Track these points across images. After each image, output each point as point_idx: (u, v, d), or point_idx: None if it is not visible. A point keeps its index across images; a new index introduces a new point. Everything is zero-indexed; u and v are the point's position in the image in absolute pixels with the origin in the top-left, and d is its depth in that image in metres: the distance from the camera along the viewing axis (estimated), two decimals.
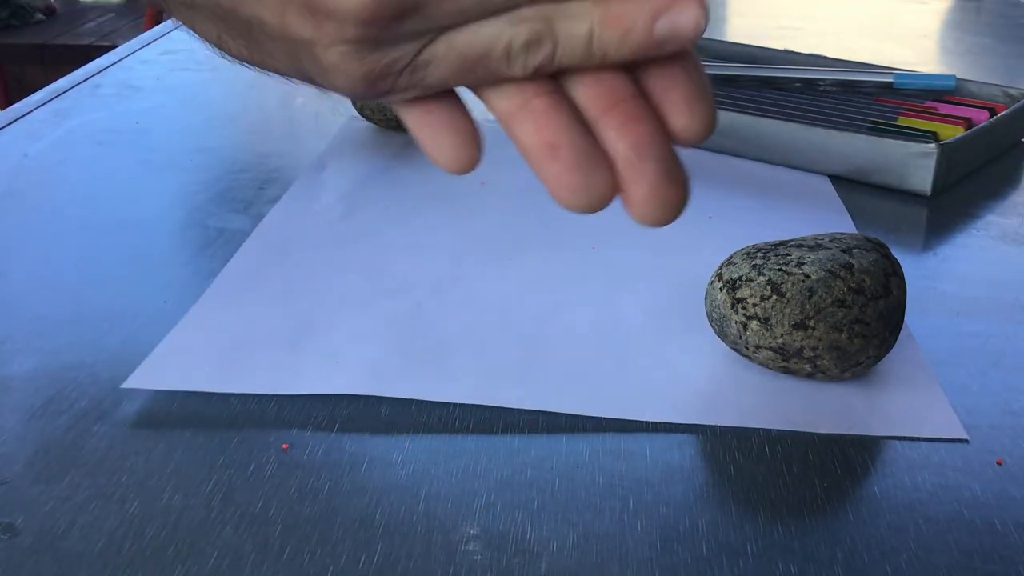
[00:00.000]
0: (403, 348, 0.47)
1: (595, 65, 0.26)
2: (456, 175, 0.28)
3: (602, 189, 0.26)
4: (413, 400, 0.44)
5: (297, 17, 0.25)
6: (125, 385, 0.44)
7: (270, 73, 0.29)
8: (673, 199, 0.26)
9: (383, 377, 0.45)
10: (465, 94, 0.28)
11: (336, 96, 0.28)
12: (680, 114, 0.26)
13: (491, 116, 0.28)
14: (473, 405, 0.44)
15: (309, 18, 0.25)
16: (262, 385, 0.44)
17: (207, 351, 0.47)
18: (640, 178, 0.26)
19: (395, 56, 0.26)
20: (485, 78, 0.26)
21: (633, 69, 0.26)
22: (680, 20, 0.25)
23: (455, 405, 0.44)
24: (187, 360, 0.46)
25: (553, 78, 0.26)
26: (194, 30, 0.29)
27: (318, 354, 0.47)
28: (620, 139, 0.26)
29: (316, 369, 0.45)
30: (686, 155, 0.27)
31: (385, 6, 0.24)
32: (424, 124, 0.28)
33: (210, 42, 0.29)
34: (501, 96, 0.27)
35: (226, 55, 0.29)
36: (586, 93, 0.26)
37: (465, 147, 0.28)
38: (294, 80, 0.29)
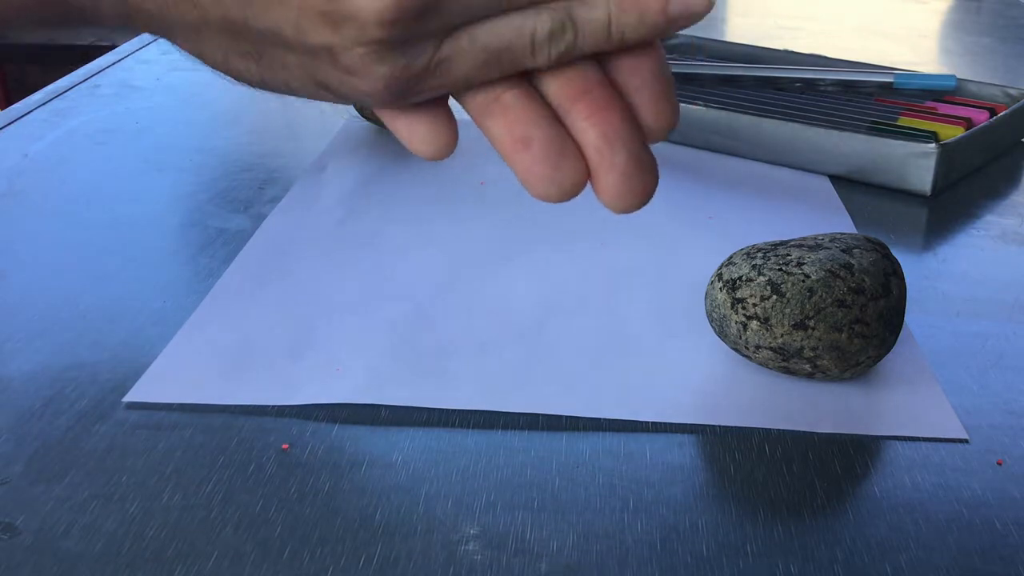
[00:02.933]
0: (403, 354, 0.47)
1: (615, 47, 0.26)
2: (433, 160, 0.29)
3: (573, 179, 0.27)
4: None
5: (315, 23, 0.25)
6: (127, 399, 0.44)
7: (283, 92, 0.29)
8: (643, 186, 0.27)
9: (383, 385, 0.45)
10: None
11: (354, 103, 0.28)
12: (648, 110, 0.27)
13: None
14: None
15: (328, 23, 0.25)
16: (263, 396, 0.44)
17: (207, 362, 0.47)
18: (610, 167, 0.26)
19: (417, 54, 0.26)
20: (509, 70, 0.27)
21: (601, 60, 0.27)
22: (690, 2, 0.26)
23: None
24: (187, 372, 0.46)
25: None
26: (200, 56, 0.29)
27: (318, 363, 0.47)
28: (590, 128, 0.26)
29: (316, 378, 0.45)
30: (685, 154, 0.27)
31: (406, 6, 0.24)
32: (398, 115, 0.28)
33: (216, 66, 0.29)
34: (471, 92, 0.27)
35: (233, 78, 0.29)
36: (554, 84, 0.27)
37: (441, 133, 0.28)
38: (308, 95, 0.28)
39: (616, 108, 0.26)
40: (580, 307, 0.52)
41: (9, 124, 0.80)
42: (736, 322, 0.44)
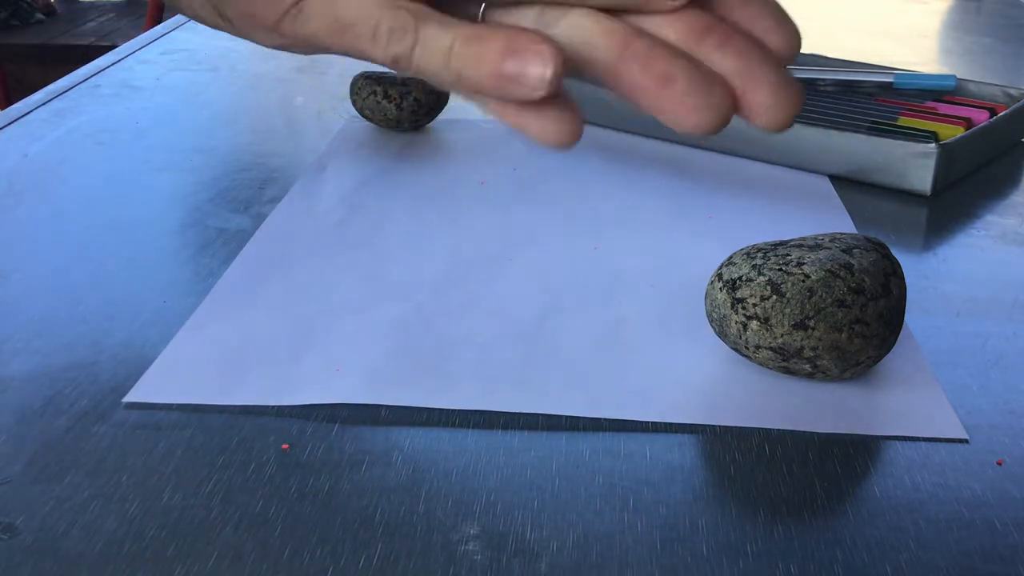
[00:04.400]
0: (403, 354, 0.47)
1: (451, 84, 0.28)
2: (561, 150, 0.29)
3: (723, 102, 0.27)
4: None
5: None
6: (127, 399, 0.44)
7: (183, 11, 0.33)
8: (792, 98, 0.27)
9: (383, 385, 0.45)
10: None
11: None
12: (773, 34, 0.28)
13: (488, 116, 0.28)
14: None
15: None
16: (263, 396, 0.44)
17: (207, 362, 0.47)
18: (758, 84, 0.27)
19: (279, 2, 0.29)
20: (351, 49, 0.29)
21: (711, 6, 0.28)
22: (526, 68, 0.26)
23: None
24: (188, 372, 0.46)
25: (634, 24, 0.28)
26: None
27: (318, 363, 0.47)
28: (725, 57, 0.27)
29: (316, 378, 0.45)
30: (686, 154, 0.27)
31: None
32: (524, 113, 0.28)
33: None
34: (596, 49, 0.27)
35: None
36: (675, 29, 0.27)
37: (568, 122, 0.28)
38: (206, 20, 0.32)
39: (743, 35, 0.27)
40: (580, 307, 0.52)
41: (9, 124, 0.80)
42: (736, 322, 0.44)
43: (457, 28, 0.27)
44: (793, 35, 0.28)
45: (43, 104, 0.85)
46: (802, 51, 0.96)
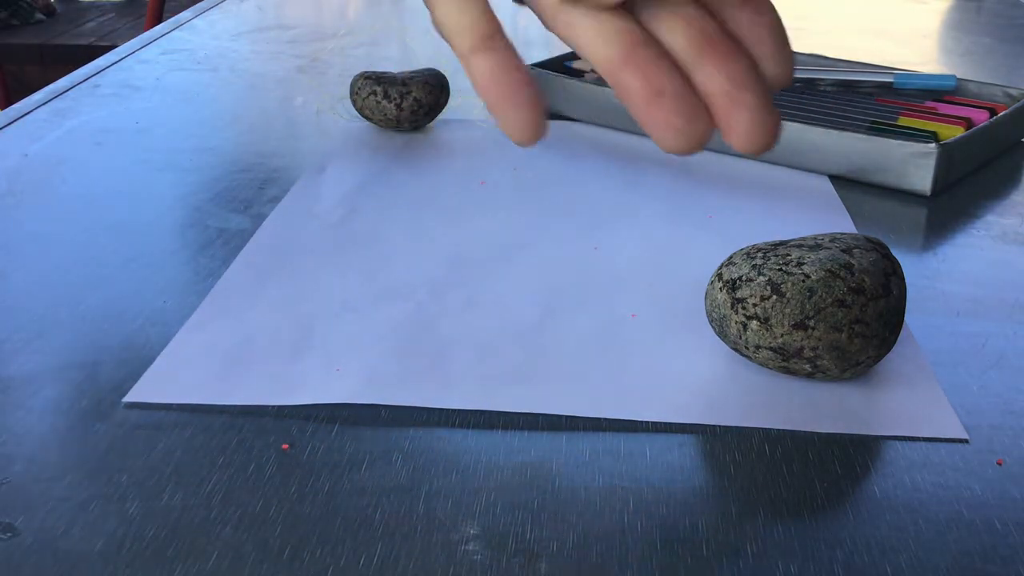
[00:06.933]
0: (403, 354, 0.47)
1: None
2: (522, 146, 0.31)
3: (702, 129, 0.28)
4: None
5: None
6: (127, 399, 0.44)
7: None
8: (771, 124, 0.29)
9: (383, 385, 0.45)
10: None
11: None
12: (771, 60, 0.29)
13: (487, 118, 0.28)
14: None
15: None
16: (263, 396, 0.44)
17: (207, 362, 0.47)
18: (741, 107, 0.28)
19: None
20: None
21: (721, 17, 0.30)
22: None
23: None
24: (188, 372, 0.46)
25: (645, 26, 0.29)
26: None
27: (318, 362, 0.47)
28: (718, 73, 0.28)
29: (316, 378, 0.45)
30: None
31: None
32: (501, 99, 0.30)
33: None
34: (604, 44, 0.29)
35: None
36: (682, 37, 0.29)
37: (533, 121, 0.30)
38: None
39: (742, 57, 0.29)
40: (580, 307, 0.52)
41: (9, 124, 0.80)
42: (736, 322, 0.44)
43: None
44: (788, 65, 0.30)
45: (43, 104, 0.85)
46: (802, 51, 0.96)
